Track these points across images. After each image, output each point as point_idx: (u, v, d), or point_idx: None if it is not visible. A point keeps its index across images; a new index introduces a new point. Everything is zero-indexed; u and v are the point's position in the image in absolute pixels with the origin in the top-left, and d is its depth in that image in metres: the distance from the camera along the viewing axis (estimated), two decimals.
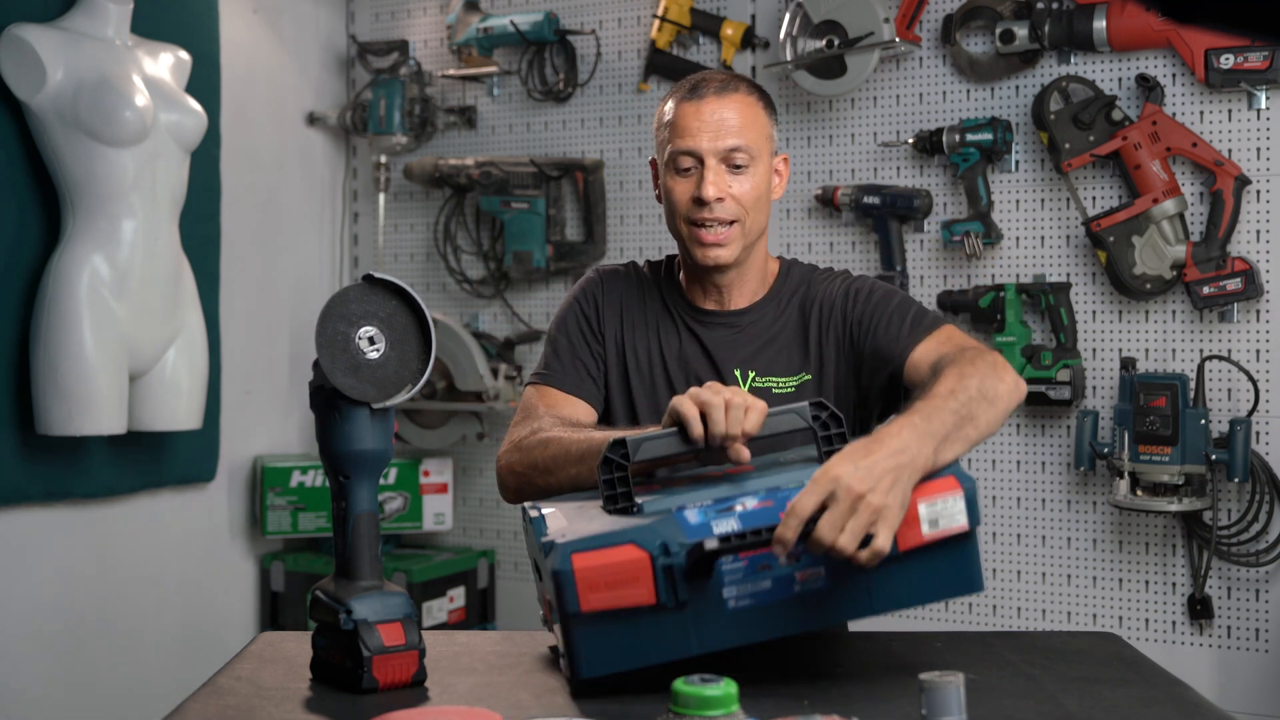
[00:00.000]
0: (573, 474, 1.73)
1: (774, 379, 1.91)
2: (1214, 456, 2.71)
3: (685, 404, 1.55)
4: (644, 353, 1.94)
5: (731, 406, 1.53)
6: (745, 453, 1.55)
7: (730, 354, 1.93)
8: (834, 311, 1.91)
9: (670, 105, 1.89)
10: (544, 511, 1.53)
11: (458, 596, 3.52)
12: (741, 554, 1.38)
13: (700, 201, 1.84)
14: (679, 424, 1.54)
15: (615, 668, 1.40)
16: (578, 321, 1.97)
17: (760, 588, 1.40)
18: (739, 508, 1.41)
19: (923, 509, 1.41)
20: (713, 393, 1.55)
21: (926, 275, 3.10)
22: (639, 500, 1.48)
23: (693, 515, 1.41)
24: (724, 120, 1.84)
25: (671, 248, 2.00)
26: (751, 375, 1.92)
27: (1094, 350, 2.94)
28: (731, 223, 1.86)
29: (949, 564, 1.42)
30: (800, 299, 1.95)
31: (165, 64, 2.93)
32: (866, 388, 1.90)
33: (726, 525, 1.40)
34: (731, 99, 1.86)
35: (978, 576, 1.45)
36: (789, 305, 1.95)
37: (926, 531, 1.41)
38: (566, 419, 1.85)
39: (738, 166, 1.85)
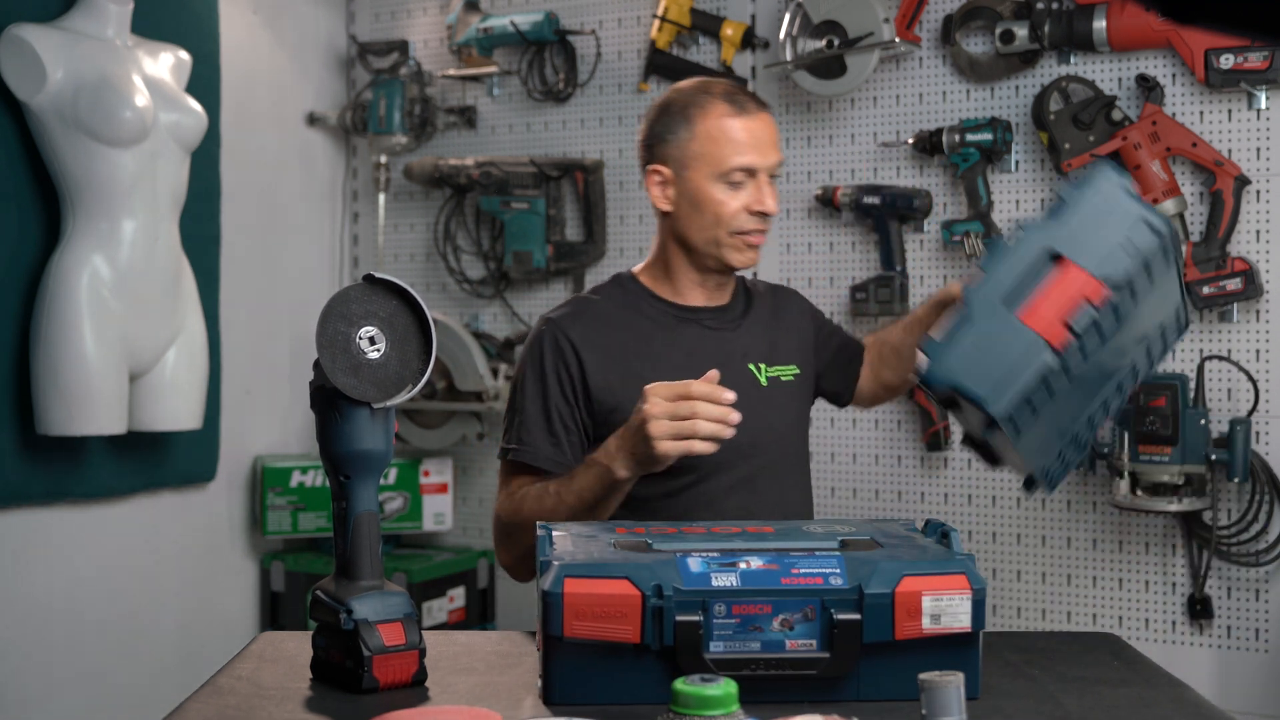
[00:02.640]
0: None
1: (779, 368, 2.07)
2: (1214, 456, 2.71)
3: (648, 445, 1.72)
4: (650, 371, 1.94)
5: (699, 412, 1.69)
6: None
7: (739, 349, 2.05)
8: (806, 320, 2.19)
9: (707, 117, 1.97)
10: (554, 533, 1.53)
11: (458, 596, 3.52)
12: (735, 609, 1.38)
13: (760, 214, 1.97)
14: None
15: (588, 700, 1.39)
16: (551, 382, 1.99)
17: (748, 648, 1.39)
18: (743, 565, 1.41)
19: (927, 602, 1.39)
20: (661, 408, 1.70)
21: (926, 275, 3.10)
22: (649, 538, 1.49)
23: (695, 564, 1.41)
24: (770, 136, 2.00)
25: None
26: (764, 368, 2.06)
27: None
28: (765, 230, 2.03)
29: (946, 665, 1.34)
30: (767, 299, 2.16)
31: (165, 64, 2.93)
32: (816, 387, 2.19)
33: (726, 580, 1.40)
34: (767, 115, 2.01)
35: (974, 683, 1.41)
36: (758, 301, 2.14)
37: (927, 625, 1.39)
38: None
39: (773, 177, 2.01)
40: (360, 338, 1.46)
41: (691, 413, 1.67)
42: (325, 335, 1.45)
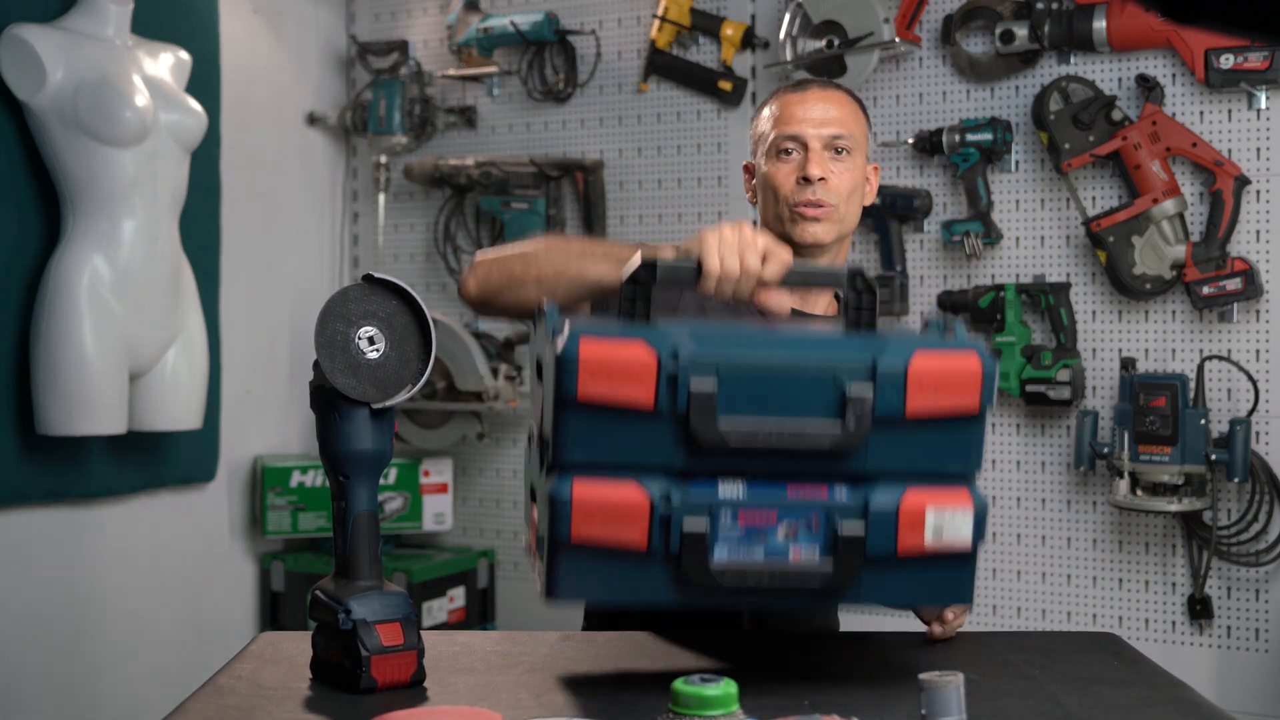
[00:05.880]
0: (559, 264, 1.72)
1: None
2: (1214, 456, 2.71)
3: (709, 240, 1.54)
4: None
5: (746, 248, 1.53)
6: (778, 303, 1.55)
7: None
8: None
9: (773, 102, 1.98)
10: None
11: (458, 596, 3.52)
12: (740, 518, 1.37)
13: (805, 181, 1.89)
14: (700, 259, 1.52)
15: (589, 598, 1.38)
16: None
17: (752, 556, 1.37)
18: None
19: (930, 517, 1.38)
20: (732, 231, 1.54)
21: (926, 275, 3.10)
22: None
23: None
24: (828, 110, 1.93)
25: None
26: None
27: (1094, 350, 2.94)
28: (830, 205, 1.91)
29: (945, 574, 1.39)
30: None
31: (165, 64, 2.93)
32: None
33: (732, 490, 1.37)
34: (834, 94, 1.96)
35: (969, 591, 1.42)
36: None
37: (929, 540, 1.38)
38: None
39: (839, 151, 1.92)
40: (359, 338, 1.46)
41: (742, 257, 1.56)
42: (324, 335, 1.44)
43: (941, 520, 1.38)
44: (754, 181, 2.01)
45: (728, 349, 1.36)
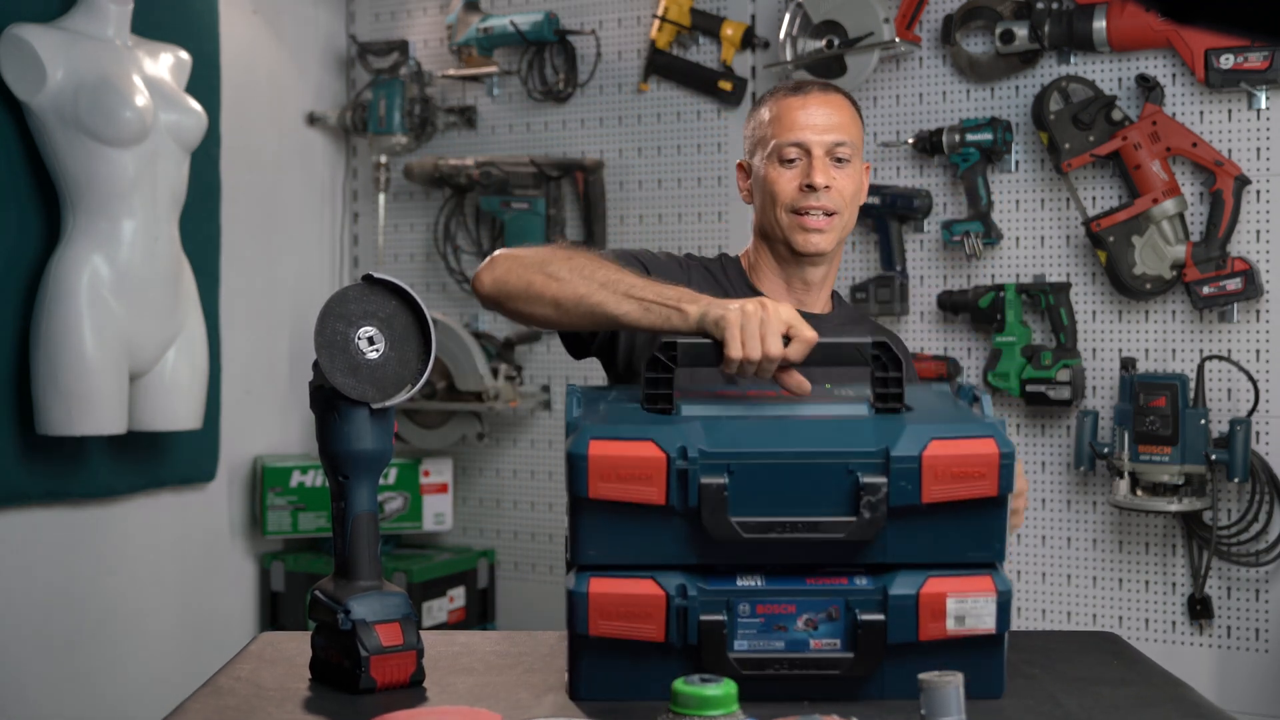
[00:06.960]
0: (581, 291, 1.66)
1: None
2: (1214, 456, 2.71)
3: (731, 323, 1.53)
4: None
5: (769, 332, 1.51)
6: (799, 384, 1.53)
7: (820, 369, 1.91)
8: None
9: (771, 103, 1.97)
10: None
11: (458, 596, 3.51)
12: (759, 609, 1.38)
13: (809, 188, 1.91)
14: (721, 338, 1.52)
15: (613, 695, 1.40)
16: (660, 262, 1.92)
17: (772, 647, 1.38)
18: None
19: (951, 604, 1.38)
20: (755, 310, 1.53)
21: (926, 275, 3.10)
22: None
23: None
24: (830, 116, 1.94)
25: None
26: (828, 386, 1.92)
27: (1094, 350, 2.94)
28: (832, 214, 1.93)
29: (972, 663, 1.35)
30: (862, 333, 1.97)
31: (165, 64, 2.93)
32: None
33: (751, 580, 1.39)
34: (835, 98, 1.97)
35: (999, 679, 1.42)
36: (857, 330, 2.01)
37: (951, 627, 1.38)
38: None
39: (840, 160, 1.94)
40: (359, 338, 1.46)
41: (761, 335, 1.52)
42: (324, 335, 1.45)
43: (964, 608, 1.38)
44: (748, 182, 2.01)
45: (738, 443, 1.37)
